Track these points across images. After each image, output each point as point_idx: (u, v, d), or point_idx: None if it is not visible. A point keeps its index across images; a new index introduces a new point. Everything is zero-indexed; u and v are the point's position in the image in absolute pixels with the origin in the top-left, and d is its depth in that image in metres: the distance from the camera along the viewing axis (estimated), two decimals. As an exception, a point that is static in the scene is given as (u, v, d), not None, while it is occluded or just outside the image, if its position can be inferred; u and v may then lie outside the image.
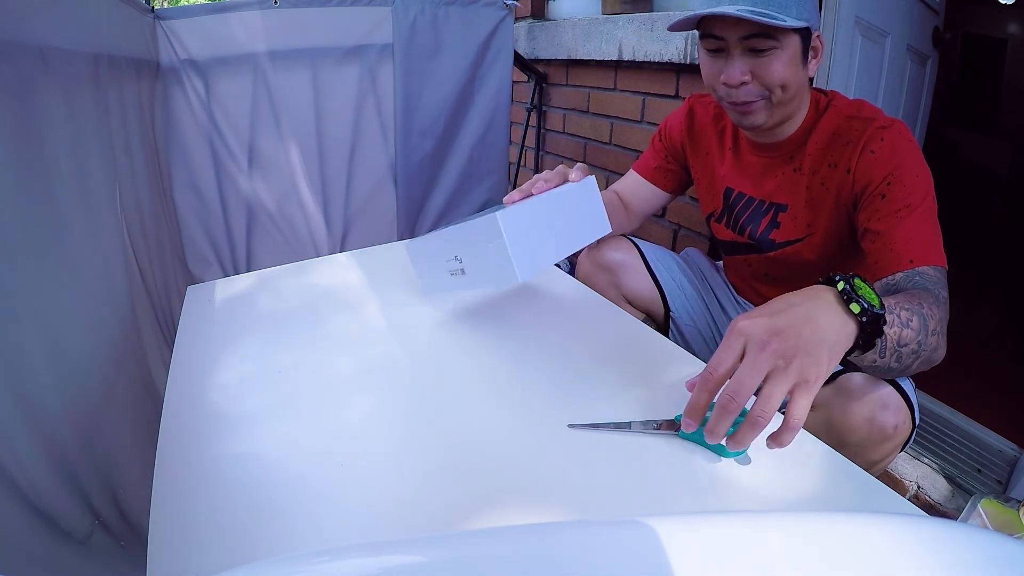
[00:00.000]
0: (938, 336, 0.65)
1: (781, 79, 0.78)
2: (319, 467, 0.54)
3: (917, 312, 0.62)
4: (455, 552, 0.27)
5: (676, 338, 1.07)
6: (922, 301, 0.64)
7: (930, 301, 0.66)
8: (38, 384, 0.57)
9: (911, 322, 0.61)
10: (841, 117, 0.82)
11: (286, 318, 0.83)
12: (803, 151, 0.86)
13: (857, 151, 0.79)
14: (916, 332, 0.61)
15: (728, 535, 0.28)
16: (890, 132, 0.78)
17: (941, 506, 1.07)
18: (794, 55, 0.77)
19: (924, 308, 0.63)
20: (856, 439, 0.72)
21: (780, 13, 0.73)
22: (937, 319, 0.64)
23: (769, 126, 0.85)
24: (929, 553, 0.27)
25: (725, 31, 0.77)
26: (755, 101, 0.80)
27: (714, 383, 0.48)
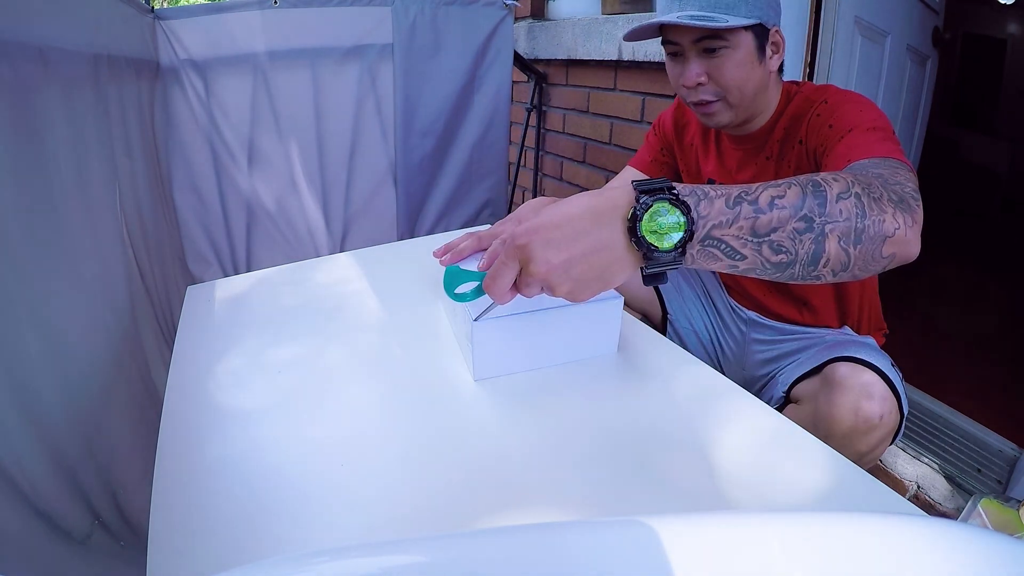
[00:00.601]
0: (859, 200, 0.50)
1: (734, 79, 0.80)
2: (319, 467, 0.54)
3: (797, 183, 0.50)
4: (455, 552, 0.27)
5: (673, 340, 1.07)
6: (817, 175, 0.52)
7: (840, 174, 0.53)
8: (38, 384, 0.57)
9: (780, 199, 0.49)
10: (803, 100, 0.84)
11: (286, 318, 0.83)
12: (771, 138, 0.87)
13: (806, 121, 0.80)
14: (793, 207, 0.48)
15: (728, 535, 0.28)
16: (835, 97, 0.79)
17: (941, 506, 1.07)
18: (748, 53, 0.79)
19: (821, 175, 0.52)
20: (842, 430, 0.73)
21: (725, 14, 0.76)
22: (849, 181, 0.51)
23: (736, 123, 0.87)
24: (929, 553, 0.27)
25: (678, 36, 0.81)
26: (713, 102, 0.83)
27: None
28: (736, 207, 0.48)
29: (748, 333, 1.03)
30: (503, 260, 0.49)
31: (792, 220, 0.48)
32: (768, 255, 0.49)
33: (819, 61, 1.34)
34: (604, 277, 0.48)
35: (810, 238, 0.49)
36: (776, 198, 0.48)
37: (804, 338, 0.96)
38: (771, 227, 0.48)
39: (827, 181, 0.50)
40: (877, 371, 0.74)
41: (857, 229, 0.50)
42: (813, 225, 0.49)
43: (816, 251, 0.49)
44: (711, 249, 0.49)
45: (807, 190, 0.49)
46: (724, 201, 0.48)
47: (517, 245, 0.48)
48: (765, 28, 0.80)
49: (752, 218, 0.48)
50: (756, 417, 0.60)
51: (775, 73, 0.85)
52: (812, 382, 0.82)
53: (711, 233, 0.48)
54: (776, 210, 0.48)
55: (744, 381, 1.04)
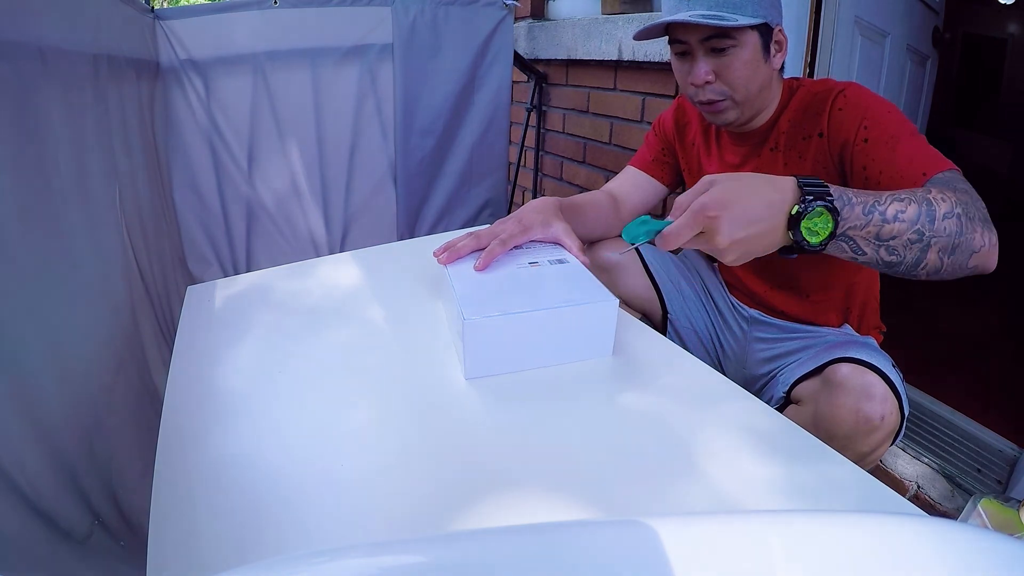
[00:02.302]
0: (960, 220, 0.61)
1: (742, 77, 0.81)
2: (319, 467, 0.54)
3: (915, 199, 0.61)
4: (455, 552, 0.27)
5: (673, 340, 1.07)
6: (930, 190, 0.63)
7: (942, 189, 0.64)
8: (38, 384, 0.57)
9: (903, 213, 0.60)
10: (810, 94, 0.85)
11: (286, 318, 0.83)
12: (777, 129, 0.88)
13: (825, 114, 0.81)
14: (911, 222, 0.60)
15: (728, 535, 0.28)
16: (849, 89, 0.81)
17: (941, 506, 1.07)
18: (754, 51, 0.81)
19: (932, 194, 0.62)
20: (843, 431, 0.73)
21: (733, 13, 0.77)
22: (953, 202, 0.62)
23: (741, 122, 0.88)
24: (929, 553, 0.27)
25: (686, 35, 0.82)
26: (721, 101, 0.84)
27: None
28: (870, 215, 0.60)
29: (749, 332, 1.03)
30: (689, 223, 0.58)
31: (908, 232, 0.60)
32: (883, 255, 0.62)
33: (819, 61, 1.34)
34: (761, 252, 0.60)
35: (918, 247, 0.61)
36: (899, 212, 0.60)
37: (805, 337, 0.96)
38: (892, 235, 0.60)
39: (937, 201, 0.61)
40: (878, 372, 0.74)
41: (954, 244, 0.62)
42: (923, 238, 0.61)
43: (919, 258, 0.62)
44: (842, 243, 0.60)
45: (922, 207, 0.61)
46: (862, 208, 0.60)
47: (708, 215, 0.57)
48: (769, 27, 0.81)
49: (879, 225, 0.60)
50: (756, 417, 0.60)
51: (778, 71, 0.87)
52: (813, 383, 0.82)
53: (847, 232, 0.60)
54: (898, 222, 0.60)
55: (744, 380, 1.04)
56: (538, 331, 0.67)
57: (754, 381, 1.03)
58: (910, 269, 0.62)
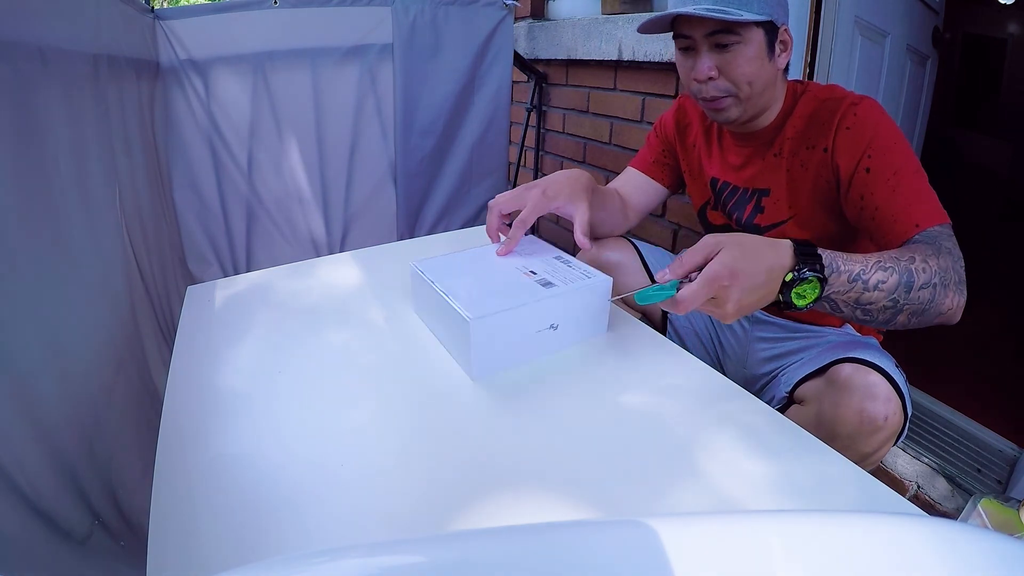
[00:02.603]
0: (935, 289, 0.66)
1: (746, 74, 0.81)
2: (319, 467, 0.54)
3: (898, 270, 0.65)
4: (455, 552, 0.27)
5: (673, 339, 1.07)
6: (915, 255, 0.67)
7: (928, 253, 0.67)
8: (38, 384, 0.57)
9: (883, 284, 0.65)
10: (816, 101, 0.85)
11: (286, 318, 0.83)
12: (782, 135, 0.88)
13: (832, 129, 0.80)
14: (889, 292, 0.65)
15: (728, 535, 0.28)
16: (861, 107, 0.80)
17: (941, 506, 1.07)
18: (759, 49, 0.80)
19: (916, 263, 0.66)
20: (846, 431, 0.73)
21: (739, 9, 0.77)
22: (934, 271, 0.66)
23: (744, 120, 0.87)
24: (929, 553, 0.27)
25: (691, 29, 0.81)
26: (724, 98, 0.83)
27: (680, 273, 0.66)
28: (853, 283, 0.64)
29: (751, 331, 1.03)
30: (703, 291, 0.60)
31: (884, 299, 0.65)
32: (858, 315, 0.67)
33: (819, 61, 1.34)
34: (753, 311, 0.65)
35: (891, 311, 0.67)
36: (880, 282, 0.65)
37: (807, 337, 0.96)
38: (869, 302, 0.66)
39: (918, 272, 0.66)
40: (882, 372, 0.74)
41: (924, 310, 0.67)
42: (897, 305, 0.66)
43: (889, 319, 0.68)
44: (823, 303, 0.66)
45: (903, 277, 0.65)
46: (847, 276, 0.64)
47: (722, 285, 0.60)
48: (775, 26, 0.81)
49: (860, 293, 0.65)
50: (756, 417, 0.61)
51: (782, 72, 0.86)
52: (816, 383, 0.82)
53: (829, 296, 0.65)
54: (878, 291, 0.65)
55: (745, 380, 1.04)
56: (537, 320, 0.68)
57: (755, 381, 1.03)
58: (877, 325, 0.69)
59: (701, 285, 0.60)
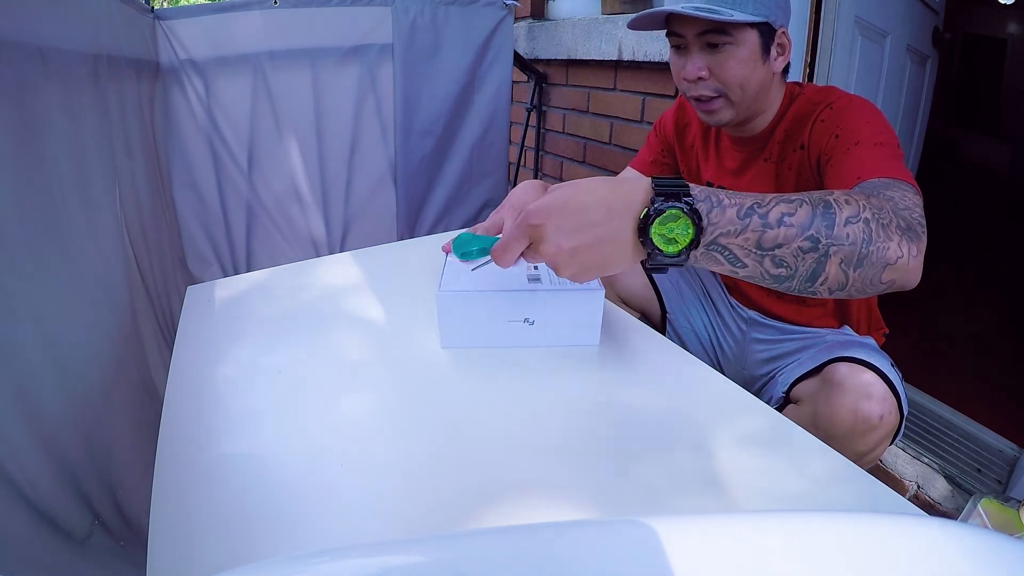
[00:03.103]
0: (867, 226, 0.51)
1: (736, 76, 0.79)
2: (319, 467, 0.54)
3: (809, 201, 0.51)
4: (455, 552, 0.27)
5: (672, 339, 1.07)
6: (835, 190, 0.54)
7: (854, 192, 0.55)
8: (38, 384, 0.57)
9: (790, 216, 0.50)
10: (807, 103, 0.83)
11: (286, 318, 0.83)
12: (773, 139, 0.87)
13: (808, 126, 0.80)
14: (801, 227, 0.50)
15: (728, 535, 0.28)
16: (839, 103, 0.78)
17: (941, 506, 1.07)
18: (751, 51, 0.78)
19: (835, 195, 0.52)
20: (842, 430, 0.73)
21: (732, 9, 0.75)
22: (861, 205, 0.52)
23: (737, 122, 0.86)
24: (929, 553, 0.27)
25: (683, 27, 0.79)
26: (715, 99, 0.82)
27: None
28: (747, 219, 0.49)
29: (748, 332, 1.03)
30: (514, 234, 0.51)
31: (798, 239, 0.50)
32: (769, 267, 0.51)
33: (819, 61, 1.34)
34: (606, 265, 0.51)
35: (813, 257, 0.51)
36: (786, 215, 0.50)
37: (804, 338, 0.96)
38: (776, 243, 0.50)
39: (839, 203, 0.51)
40: (877, 371, 0.74)
41: (861, 254, 0.51)
42: (818, 246, 0.50)
43: (816, 270, 0.51)
44: (715, 253, 0.51)
45: (818, 210, 0.50)
46: (736, 211, 0.50)
47: (531, 224, 0.50)
48: (772, 28, 0.79)
49: (759, 231, 0.49)
50: (755, 417, 0.60)
51: (779, 75, 0.84)
52: (812, 382, 0.82)
53: (717, 240, 0.50)
54: (784, 227, 0.49)
55: (744, 380, 1.04)
56: (518, 310, 0.69)
57: (753, 382, 1.03)
58: (805, 283, 0.52)
59: (511, 228, 0.52)
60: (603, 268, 0.51)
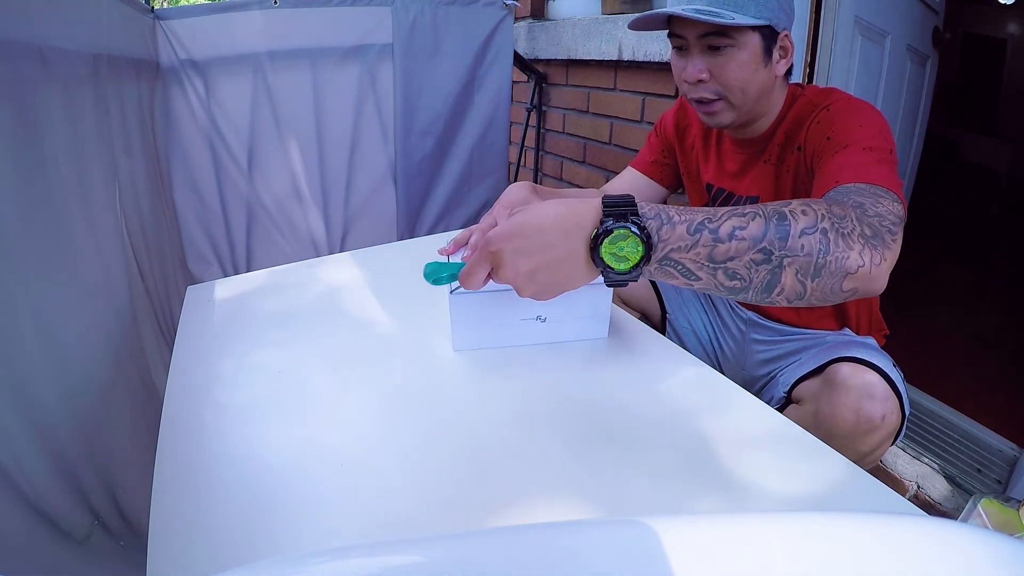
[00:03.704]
0: (825, 236, 0.51)
1: (737, 79, 0.78)
2: (319, 467, 0.54)
3: (763, 214, 0.51)
4: (455, 552, 0.27)
5: (672, 340, 1.07)
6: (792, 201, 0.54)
7: (816, 202, 0.55)
8: (38, 384, 0.57)
9: (742, 230, 0.50)
10: (807, 104, 0.83)
11: (286, 318, 0.83)
12: (773, 141, 0.86)
13: (806, 127, 0.80)
14: (754, 240, 0.50)
15: (728, 535, 0.28)
16: (837, 104, 0.78)
17: (941, 506, 1.07)
18: (753, 54, 0.78)
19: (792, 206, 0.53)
20: (844, 431, 0.73)
21: (734, 12, 0.74)
22: (820, 215, 0.52)
23: (737, 125, 0.85)
24: (929, 553, 0.27)
25: (684, 29, 0.79)
26: (716, 101, 0.81)
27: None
28: (697, 234, 0.50)
29: (748, 333, 1.03)
30: (477, 260, 0.54)
31: (750, 251, 0.50)
32: (722, 280, 0.52)
33: (819, 61, 1.34)
34: (564, 285, 0.53)
35: (766, 269, 0.51)
36: (738, 228, 0.51)
37: (804, 338, 0.96)
38: (728, 256, 0.51)
39: (794, 213, 0.52)
40: (879, 371, 0.74)
41: (818, 264, 0.51)
42: (771, 257, 0.51)
43: (771, 281, 0.52)
44: (668, 268, 0.52)
45: (771, 222, 0.51)
46: (686, 227, 0.51)
47: (490, 251, 0.52)
48: (774, 31, 0.79)
49: (711, 245, 0.50)
50: (755, 417, 0.61)
51: (781, 78, 0.84)
52: (813, 382, 0.82)
53: (669, 255, 0.51)
54: (735, 241, 0.50)
55: (744, 381, 1.04)
56: (527, 308, 0.70)
57: (753, 382, 1.03)
58: (761, 295, 0.53)
59: (474, 254, 0.54)
60: (561, 287, 0.53)
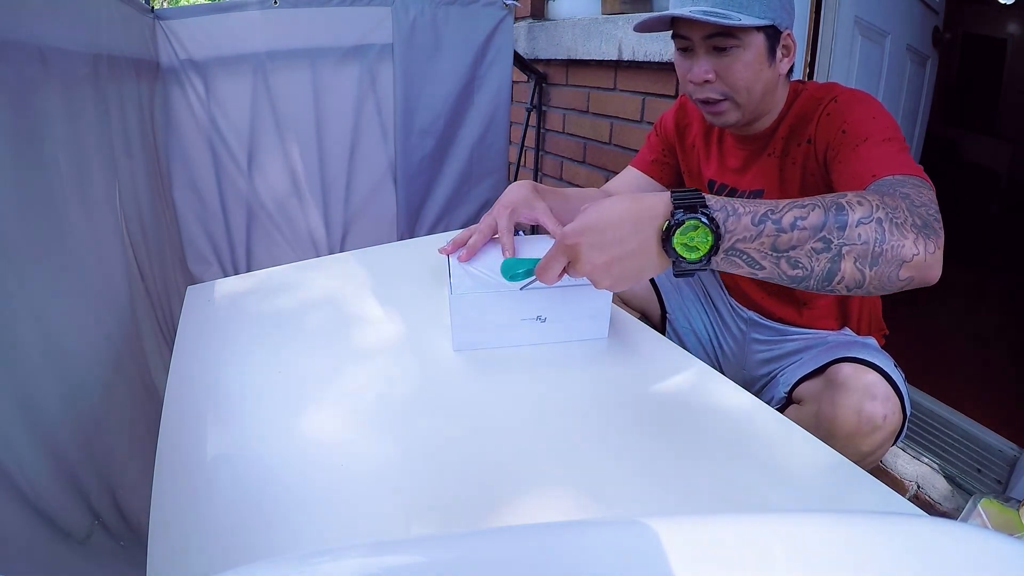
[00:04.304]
0: (880, 225, 0.53)
1: (743, 79, 0.79)
2: (319, 467, 0.54)
3: (822, 204, 0.54)
4: (455, 552, 0.27)
5: (672, 339, 1.07)
6: (848, 192, 0.57)
7: (868, 193, 0.57)
8: (38, 384, 0.57)
9: (803, 220, 0.53)
10: (811, 99, 0.84)
11: (286, 318, 0.83)
12: (777, 135, 0.87)
13: (815, 120, 0.80)
14: (814, 229, 0.53)
15: (728, 535, 0.28)
16: (844, 96, 0.79)
17: (941, 506, 1.07)
18: (758, 54, 0.79)
19: (848, 197, 0.55)
20: (845, 431, 0.73)
21: (738, 12, 0.75)
22: (874, 205, 0.55)
23: (742, 123, 0.86)
24: (929, 553, 0.27)
25: (689, 31, 0.80)
26: (721, 101, 0.82)
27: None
28: (761, 224, 0.53)
29: (748, 332, 1.03)
30: (554, 254, 0.57)
31: (811, 240, 0.53)
32: (785, 268, 0.54)
33: (819, 61, 1.34)
34: (638, 275, 0.56)
35: (827, 257, 0.53)
36: (799, 219, 0.53)
37: (805, 338, 0.96)
38: (791, 244, 0.53)
39: (851, 204, 0.54)
40: (880, 372, 0.74)
41: (875, 252, 0.53)
42: (831, 246, 0.53)
43: (832, 269, 0.54)
44: (734, 258, 0.54)
45: (830, 212, 0.53)
46: (751, 218, 0.53)
47: (567, 244, 0.56)
48: (777, 30, 0.79)
49: (774, 235, 0.53)
50: (755, 416, 0.61)
51: (784, 76, 0.85)
52: (815, 383, 0.82)
53: (735, 245, 0.54)
54: (797, 230, 0.53)
55: (744, 381, 1.04)
56: (527, 309, 0.71)
57: (753, 382, 1.03)
58: (822, 283, 0.55)
59: (553, 248, 0.57)
60: (636, 277, 0.56)
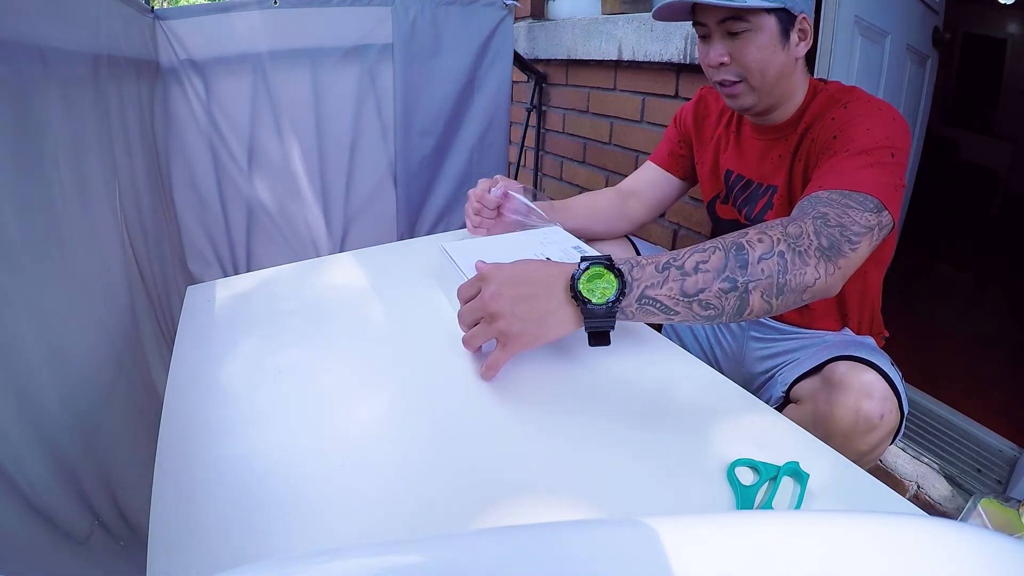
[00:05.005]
0: (782, 259, 0.58)
1: (756, 61, 0.81)
2: (319, 467, 0.54)
3: (722, 246, 0.58)
4: (455, 552, 0.27)
5: (671, 338, 1.07)
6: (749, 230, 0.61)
7: (773, 224, 0.61)
8: (38, 384, 0.57)
9: (704, 263, 0.57)
10: (829, 99, 0.85)
11: (286, 318, 0.83)
12: (794, 132, 0.88)
13: (823, 122, 0.82)
14: (717, 271, 0.57)
15: (728, 535, 0.28)
16: (855, 104, 0.80)
17: (941, 506, 1.07)
18: (770, 36, 0.81)
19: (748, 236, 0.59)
20: (842, 430, 0.73)
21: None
22: (775, 239, 0.59)
23: (760, 109, 0.88)
24: (929, 553, 0.27)
25: (705, 16, 0.83)
26: (737, 83, 0.85)
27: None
28: (665, 271, 0.58)
29: (747, 331, 1.03)
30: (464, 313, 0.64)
31: (716, 281, 0.57)
32: (698, 311, 0.58)
33: (819, 61, 1.34)
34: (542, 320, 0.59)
35: (735, 296, 0.58)
36: (701, 263, 0.58)
37: (803, 338, 0.96)
38: (698, 288, 0.57)
39: (751, 242, 0.59)
40: (877, 370, 0.74)
41: (779, 284, 0.59)
42: (737, 284, 0.58)
43: (740, 306, 0.59)
44: (647, 307, 0.58)
45: (730, 253, 0.58)
46: (654, 267, 0.59)
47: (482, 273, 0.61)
48: (791, 14, 0.81)
49: (680, 280, 0.58)
50: (753, 416, 0.60)
51: (801, 61, 0.86)
52: (812, 381, 0.82)
53: (645, 293, 0.58)
54: (701, 273, 0.57)
55: (742, 380, 1.04)
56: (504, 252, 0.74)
57: (752, 380, 1.03)
58: (734, 317, 0.60)
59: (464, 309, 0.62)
60: (540, 322, 0.58)
